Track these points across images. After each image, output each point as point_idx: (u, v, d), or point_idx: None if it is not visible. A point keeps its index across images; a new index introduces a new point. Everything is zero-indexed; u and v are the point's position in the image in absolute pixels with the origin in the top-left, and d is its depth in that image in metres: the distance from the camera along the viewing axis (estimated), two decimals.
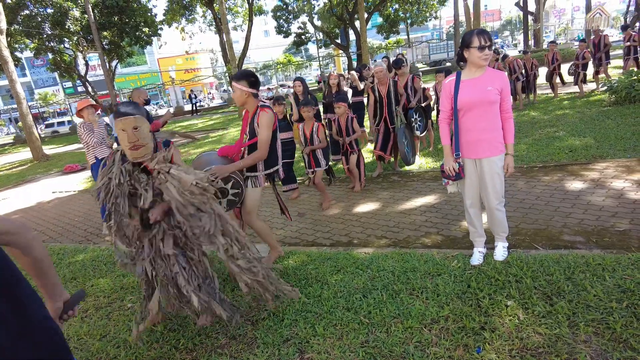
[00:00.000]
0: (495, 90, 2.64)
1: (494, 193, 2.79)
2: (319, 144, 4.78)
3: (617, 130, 6.02)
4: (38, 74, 44.11)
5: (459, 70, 2.82)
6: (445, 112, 2.84)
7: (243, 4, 28.21)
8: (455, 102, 2.73)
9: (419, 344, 2.23)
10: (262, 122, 2.99)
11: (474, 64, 2.66)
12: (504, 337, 2.17)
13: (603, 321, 2.16)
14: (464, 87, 2.71)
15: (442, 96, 2.83)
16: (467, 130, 2.75)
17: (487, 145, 2.72)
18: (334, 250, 3.55)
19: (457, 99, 2.72)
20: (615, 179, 4.29)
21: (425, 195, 4.75)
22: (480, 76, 2.69)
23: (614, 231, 3.23)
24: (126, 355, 2.53)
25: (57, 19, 21.27)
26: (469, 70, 2.74)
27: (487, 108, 2.67)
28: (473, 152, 2.77)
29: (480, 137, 2.72)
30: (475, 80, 2.69)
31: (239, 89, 2.99)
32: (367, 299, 2.70)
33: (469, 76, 2.72)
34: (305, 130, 4.83)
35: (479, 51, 2.57)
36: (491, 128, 2.71)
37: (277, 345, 2.39)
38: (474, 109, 2.68)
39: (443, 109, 2.85)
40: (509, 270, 2.76)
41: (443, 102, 2.83)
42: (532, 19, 27.34)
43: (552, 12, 61.30)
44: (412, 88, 5.76)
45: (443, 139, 2.88)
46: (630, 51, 9.47)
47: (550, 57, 9.74)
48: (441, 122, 2.89)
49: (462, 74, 2.76)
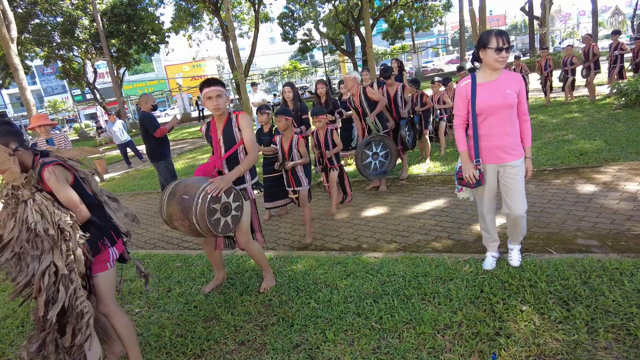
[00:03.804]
0: (513, 94, 2.53)
1: (521, 197, 2.63)
2: (299, 159, 4.01)
3: (629, 133, 5.93)
4: (47, 82, 44.71)
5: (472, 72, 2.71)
6: (461, 117, 2.70)
7: (249, 11, 28.45)
8: (473, 106, 2.58)
9: (432, 350, 2.17)
10: (244, 123, 2.83)
11: (489, 66, 2.52)
12: (520, 343, 2.11)
13: (623, 327, 2.09)
14: (482, 91, 2.56)
15: (458, 100, 2.68)
16: (487, 136, 2.62)
17: (509, 150, 2.60)
18: (343, 255, 3.51)
19: (475, 103, 2.57)
20: (629, 181, 4.21)
21: (435, 199, 4.69)
22: (498, 79, 2.56)
23: (630, 235, 3.16)
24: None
25: (66, 27, 21.57)
26: (484, 72, 2.59)
27: (507, 112, 2.55)
28: (494, 157, 2.64)
29: (501, 143, 2.59)
30: (493, 83, 2.56)
31: (227, 97, 2.85)
32: (378, 304, 2.65)
33: (486, 79, 2.58)
34: (284, 143, 4.04)
35: (495, 53, 2.43)
36: (512, 132, 2.59)
37: (287, 351, 2.35)
38: (494, 113, 2.55)
39: (459, 113, 2.70)
40: (522, 275, 2.70)
41: (459, 107, 2.68)
42: (538, 23, 27.25)
43: (557, 16, 61.13)
44: (402, 98, 5.43)
45: (460, 145, 2.72)
46: (617, 60, 9.14)
47: (543, 64, 9.63)
48: (457, 128, 2.74)
49: (478, 76, 2.61)
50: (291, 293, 2.97)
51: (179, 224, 2.61)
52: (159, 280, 3.63)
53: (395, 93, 5.40)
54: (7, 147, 1.99)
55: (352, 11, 27.08)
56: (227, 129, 2.84)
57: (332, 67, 46.78)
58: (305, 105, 5.30)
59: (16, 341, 2.98)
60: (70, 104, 43.01)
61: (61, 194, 2.04)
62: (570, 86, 9.49)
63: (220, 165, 2.86)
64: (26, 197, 1.99)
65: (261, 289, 3.09)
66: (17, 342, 2.97)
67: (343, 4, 27.15)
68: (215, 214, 2.55)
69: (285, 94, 5.23)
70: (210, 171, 2.84)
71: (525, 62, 9.91)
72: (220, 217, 2.60)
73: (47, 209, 1.99)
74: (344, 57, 35.24)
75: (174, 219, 2.61)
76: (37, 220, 1.95)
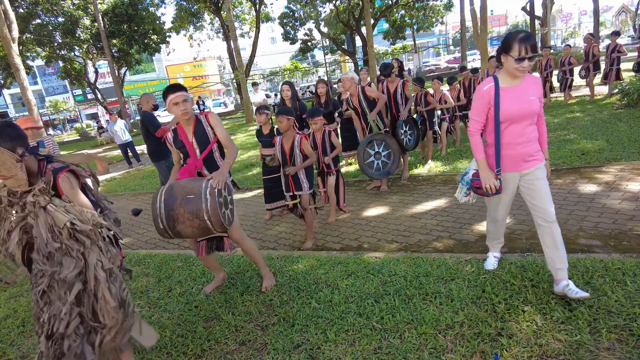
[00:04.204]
0: (536, 100, 2.36)
1: (550, 198, 2.42)
2: (301, 160, 3.84)
3: (630, 132, 5.92)
4: (49, 82, 44.76)
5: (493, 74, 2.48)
6: (480, 123, 2.49)
7: (250, 11, 28.49)
8: (496, 113, 2.38)
9: (433, 351, 2.17)
10: (215, 121, 2.87)
11: (509, 74, 2.35)
12: (522, 344, 2.10)
13: (626, 327, 2.08)
14: (505, 96, 2.36)
15: (478, 104, 2.45)
16: (510, 144, 2.43)
17: (531, 157, 2.43)
18: (344, 255, 3.50)
19: (499, 109, 2.37)
20: (631, 181, 4.19)
21: (436, 199, 4.68)
22: (521, 84, 2.37)
23: (633, 235, 3.15)
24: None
25: (67, 27, 21.61)
26: (505, 76, 2.40)
27: (531, 119, 2.39)
28: (516, 166, 2.46)
29: (524, 151, 2.42)
30: (517, 88, 2.37)
31: (191, 100, 2.84)
32: (379, 304, 2.64)
33: (509, 83, 2.38)
34: (284, 144, 3.88)
35: (516, 62, 2.23)
36: (534, 139, 2.44)
37: (287, 352, 2.34)
38: (519, 121, 2.38)
39: (477, 119, 2.48)
40: (524, 275, 2.69)
41: (479, 112, 2.46)
42: (539, 23, 27.21)
43: (558, 16, 61.05)
44: (403, 95, 5.29)
45: (477, 153, 2.52)
46: (614, 62, 9.01)
47: (544, 63, 9.57)
48: (474, 134, 2.52)
49: (500, 79, 2.41)
50: (292, 293, 2.96)
51: (184, 226, 2.54)
52: (160, 280, 3.62)
53: (395, 90, 5.29)
54: (14, 153, 1.90)
55: (353, 11, 27.08)
56: (199, 130, 2.85)
57: (333, 67, 46.78)
58: (304, 104, 5.24)
59: (17, 341, 2.97)
60: (72, 104, 43.09)
61: (76, 200, 2.00)
62: (569, 87, 9.46)
63: (201, 166, 2.87)
64: (44, 203, 1.92)
65: (262, 289, 3.08)
66: (17, 341, 2.96)
67: (344, 4, 27.16)
68: (222, 208, 2.57)
69: (283, 92, 5.14)
70: (193, 173, 2.84)
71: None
72: (225, 211, 2.62)
73: (75, 209, 1.96)
74: (345, 57, 35.25)
75: (178, 222, 2.53)
76: (72, 219, 1.91)
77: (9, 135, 1.93)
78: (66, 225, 1.90)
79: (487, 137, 2.54)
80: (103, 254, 1.97)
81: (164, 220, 2.54)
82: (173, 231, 2.58)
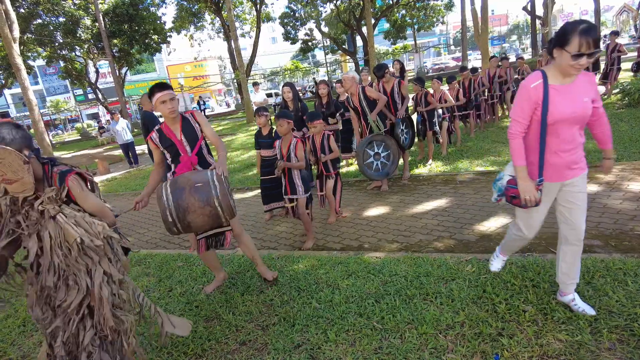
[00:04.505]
0: (589, 102, 2.07)
1: (585, 216, 2.20)
2: (295, 162, 3.84)
3: (631, 132, 5.91)
4: (50, 82, 44.81)
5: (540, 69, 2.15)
6: (522, 125, 2.15)
7: (251, 11, 28.50)
8: (544, 114, 2.05)
9: (434, 351, 2.16)
10: (202, 119, 2.93)
11: (562, 71, 2.02)
12: (523, 344, 2.09)
13: (627, 328, 2.08)
14: (556, 95, 2.04)
15: (523, 103, 2.11)
16: (557, 151, 2.12)
17: (576, 166, 2.16)
18: (345, 255, 3.50)
19: (547, 110, 2.04)
20: (632, 181, 4.19)
21: (436, 199, 4.68)
22: (574, 82, 2.06)
23: (634, 234, 3.14)
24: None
25: (68, 27, 21.65)
26: (555, 72, 2.07)
27: (582, 124, 2.12)
28: (560, 175, 2.17)
29: (571, 158, 2.13)
30: (569, 88, 2.05)
31: (177, 99, 2.87)
32: (379, 304, 2.64)
33: (559, 81, 2.06)
34: (282, 147, 3.89)
35: (572, 59, 1.91)
36: (581, 145, 2.16)
37: (288, 352, 2.34)
38: (569, 125, 2.07)
39: (520, 120, 2.14)
40: (525, 275, 2.69)
41: (524, 111, 2.12)
42: (540, 23, 27.19)
43: (559, 16, 61.01)
44: (399, 94, 5.23)
45: (518, 159, 2.17)
46: (614, 62, 8.99)
47: (544, 64, 9.53)
48: (515, 137, 2.17)
49: (549, 75, 2.07)
50: (292, 293, 2.96)
51: (195, 215, 2.52)
52: (160, 280, 3.62)
53: (392, 89, 5.25)
54: (22, 154, 1.78)
55: (354, 11, 27.08)
56: (187, 128, 2.88)
57: (334, 67, 46.78)
58: (305, 105, 5.22)
59: (18, 340, 2.98)
60: (73, 104, 43.13)
61: (88, 202, 1.94)
62: None
63: (196, 162, 2.91)
64: (53, 212, 1.82)
65: (269, 277, 3.17)
66: (18, 341, 2.97)
67: (345, 4, 27.16)
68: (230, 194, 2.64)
69: (285, 94, 5.11)
70: (190, 169, 2.88)
71: (527, 62, 9.82)
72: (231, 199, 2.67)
73: (85, 220, 1.86)
74: (345, 57, 35.23)
75: (189, 212, 2.51)
76: (82, 234, 1.82)
77: (18, 136, 1.82)
78: (76, 241, 1.80)
79: (529, 142, 2.19)
80: (112, 265, 1.90)
81: (174, 212, 2.51)
82: (183, 223, 2.54)
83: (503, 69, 8.52)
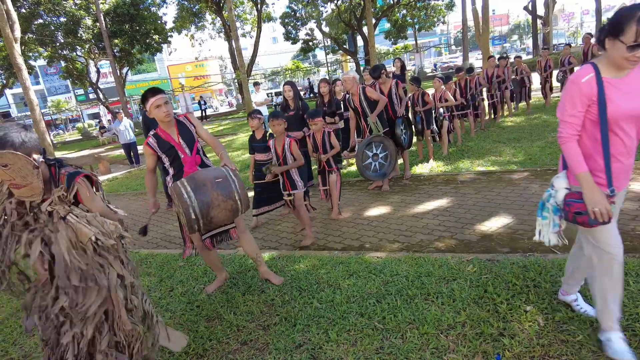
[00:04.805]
0: None
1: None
2: (292, 162, 3.92)
3: None
4: (51, 82, 44.86)
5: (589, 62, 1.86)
6: (576, 125, 1.85)
7: (252, 11, 28.50)
8: (602, 112, 1.78)
9: (435, 351, 2.16)
10: (196, 121, 2.99)
11: (615, 64, 1.77)
12: (525, 344, 2.09)
13: (629, 328, 2.08)
14: (613, 90, 1.77)
15: (575, 100, 1.82)
16: (619, 155, 1.84)
17: (631, 171, 1.94)
18: (346, 255, 3.50)
19: (606, 107, 1.77)
20: (633, 181, 4.18)
21: (438, 199, 4.68)
22: (629, 76, 1.79)
23: (635, 234, 3.14)
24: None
25: (69, 27, 21.67)
26: (607, 65, 1.80)
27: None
28: (622, 182, 1.92)
29: (631, 162, 1.88)
30: (625, 81, 1.78)
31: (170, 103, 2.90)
32: (380, 304, 2.64)
33: (613, 74, 1.79)
34: (277, 147, 3.97)
35: (628, 50, 1.66)
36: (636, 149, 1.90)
37: (289, 351, 2.34)
38: (629, 124, 1.80)
39: (572, 120, 1.84)
40: (526, 275, 2.68)
41: (577, 110, 1.83)
42: (541, 22, 27.17)
43: (560, 15, 60.95)
44: (397, 95, 5.25)
45: (578, 165, 1.84)
46: None
47: (543, 64, 9.52)
48: (569, 139, 1.86)
49: (601, 69, 1.80)
50: (294, 293, 2.96)
51: (218, 210, 2.56)
52: (162, 279, 3.63)
53: (389, 90, 5.26)
54: (31, 160, 1.69)
55: (355, 11, 27.07)
56: (183, 130, 2.92)
57: (335, 67, 46.74)
58: (306, 104, 5.24)
59: (19, 340, 2.98)
60: (74, 104, 43.17)
61: (96, 204, 1.88)
62: None
63: (200, 161, 2.96)
64: (63, 213, 1.74)
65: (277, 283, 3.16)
66: (20, 341, 2.97)
67: (345, 4, 27.15)
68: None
69: (285, 93, 5.10)
70: (196, 168, 2.91)
71: (526, 62, 9.79)
72: None
73: (96, 220, 1.79)
74: (346, 57, 35.21)
75: (212, 207, 2.54)
76: (97, 232, 1.75)
77: (27, 139, 1.73)
78: (90, 240, 1.73)
79: (585, 146, 1.89)
80: (125, 267, 1.86)
81: (197, 208, 2.52)
82: (206, 219, 2.57)
83: (501, 69, 8.53)
